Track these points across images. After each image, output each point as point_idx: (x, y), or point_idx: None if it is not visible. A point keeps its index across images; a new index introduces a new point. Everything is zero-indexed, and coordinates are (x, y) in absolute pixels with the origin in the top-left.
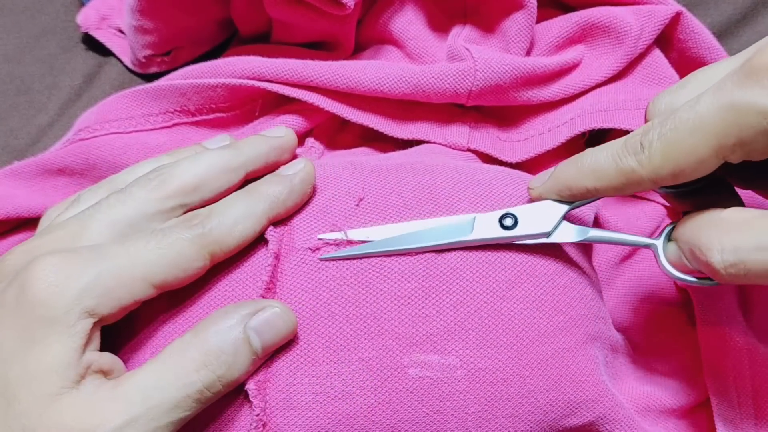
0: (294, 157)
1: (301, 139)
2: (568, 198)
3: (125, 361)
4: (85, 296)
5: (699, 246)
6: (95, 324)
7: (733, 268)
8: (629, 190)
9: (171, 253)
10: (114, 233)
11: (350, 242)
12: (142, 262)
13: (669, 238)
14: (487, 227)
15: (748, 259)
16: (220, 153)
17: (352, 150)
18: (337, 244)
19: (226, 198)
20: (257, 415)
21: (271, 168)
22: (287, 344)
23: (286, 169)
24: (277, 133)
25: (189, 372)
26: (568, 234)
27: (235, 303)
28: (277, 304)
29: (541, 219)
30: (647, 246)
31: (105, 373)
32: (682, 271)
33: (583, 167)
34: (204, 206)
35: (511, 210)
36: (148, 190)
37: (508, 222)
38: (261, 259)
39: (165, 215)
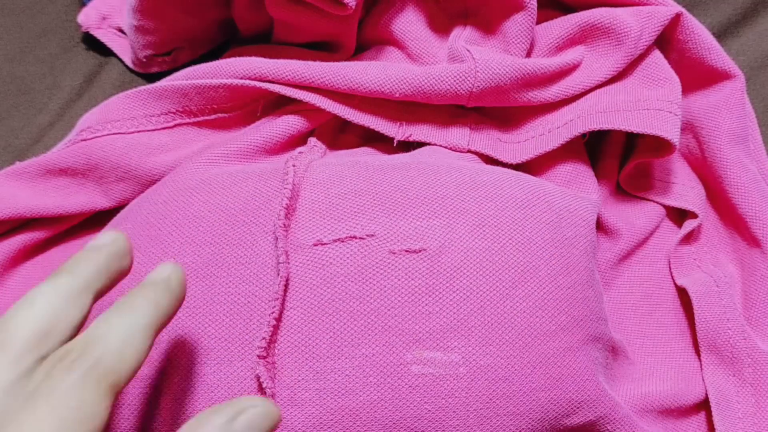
0: None
1: (303, 138)
2: None
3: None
4: None
5: None
6: None
7: None
8: None
9: (69, 411)
10: None
11: (354, 237)
12: None
13: None
14: None
15: None
16: (55, 285)
17: (354, 150)
18: (342, 240)
19: (95, 321)
20: None
21: (118, 278)
22: (291, 341)
23: (154, 274)
24: (104, 240)
25: None
26: None
27: (218, 406)
28: (259, 403)
29: None
30: None
31: None
32: None
33: None
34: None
35: None
36: None
37: None
38: (270, 258)
39: (30, 374)
